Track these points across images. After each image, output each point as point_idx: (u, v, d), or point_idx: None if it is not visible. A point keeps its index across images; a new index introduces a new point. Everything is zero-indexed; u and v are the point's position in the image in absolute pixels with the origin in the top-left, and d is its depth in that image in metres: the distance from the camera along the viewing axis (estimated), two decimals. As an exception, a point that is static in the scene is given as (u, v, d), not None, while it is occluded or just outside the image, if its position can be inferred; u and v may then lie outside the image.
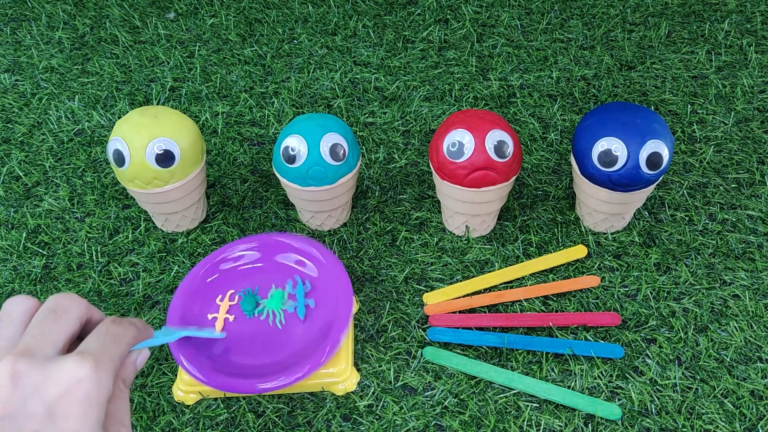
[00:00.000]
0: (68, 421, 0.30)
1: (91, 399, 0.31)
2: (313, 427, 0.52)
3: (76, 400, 0.30)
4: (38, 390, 0.30)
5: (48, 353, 0.31)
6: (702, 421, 0.52)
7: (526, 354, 0.56)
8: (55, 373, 0.30)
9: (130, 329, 0.35)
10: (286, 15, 0.97)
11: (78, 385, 0.30)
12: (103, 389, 0.31)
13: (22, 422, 0.29)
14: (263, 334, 0.55)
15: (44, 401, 0.30)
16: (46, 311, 0.33)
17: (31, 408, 0.30)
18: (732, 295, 0.60)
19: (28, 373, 0.30)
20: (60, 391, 0.30)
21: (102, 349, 0.32)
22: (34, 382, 0.30)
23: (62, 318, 0.33)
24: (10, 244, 0.67)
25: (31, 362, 0.30)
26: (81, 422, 0.30)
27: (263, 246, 0.59)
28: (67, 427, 0.30)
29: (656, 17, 0.93)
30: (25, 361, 0.30)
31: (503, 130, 0.57)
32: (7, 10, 1.00)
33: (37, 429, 0.30)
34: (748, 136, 0.75)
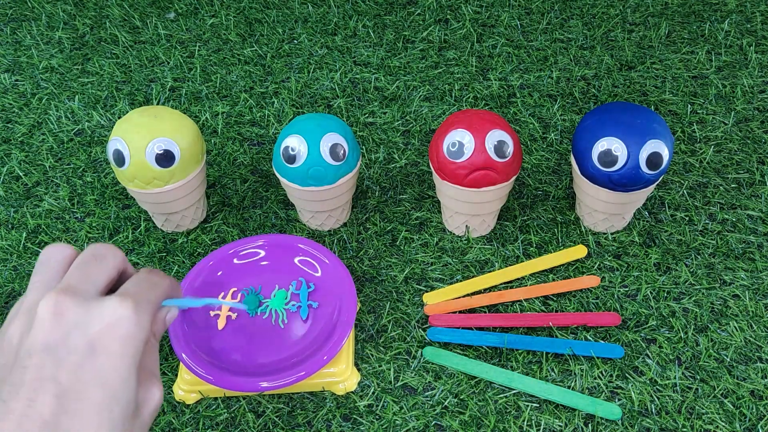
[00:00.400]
0: (108, 357, 0.31)
1: (131, 338, 0.31)
2: (313, 427, 0.52)
3: (117, 337, 0.31)
4: (80, 325, 0.31)
5: (89, 293, 0.32)
6: (702, 421, 0.52)
7: (526, 354, 0.56)
8: (97, 310, 0.31)
9: (166, 279, 0.36)
10: (286, 15, 0.97)
11: (119, 322, 0.31)
12: (142, 330, 0.32)
13: (62, 354, 0.30)
14: (265, 332, 0.55)
15: (85, 336, 0.30)
16: (86, 256, 0.34)
17: (73, 341, 0.30)
18: (732, 295, 0.60)
19: (71, 308, 0.31)
20: (101, 327, 0.31)
21: (141, 293, 0.33)
22: (76, 317, 0.31)
23: (102, 263, 0.34)
24: (10, 244, 0.67)
25: (74, 299, 0.31)
26: (119, 359, 0.31)
27: (268, 245, 0.60)
28: (106, 362, 0.30)
29: (656, 17, 0.93)
30: (67, 297, 0.31)
31: (503, 130, 0.57)
32: (7, 10, 1.00)
33: (77, 362, 0.30)
34: (748, 136, 0.75)
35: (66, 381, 0.30)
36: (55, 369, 0.30)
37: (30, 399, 0.29)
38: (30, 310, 0.32)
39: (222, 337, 0.54)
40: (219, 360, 0.52)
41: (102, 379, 0.30)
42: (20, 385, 0.29)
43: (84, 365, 0.30)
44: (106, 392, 0.30)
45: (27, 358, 0.30)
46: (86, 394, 0.30)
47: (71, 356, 0.30)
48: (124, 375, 0.31)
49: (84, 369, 0.30)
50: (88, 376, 0.30)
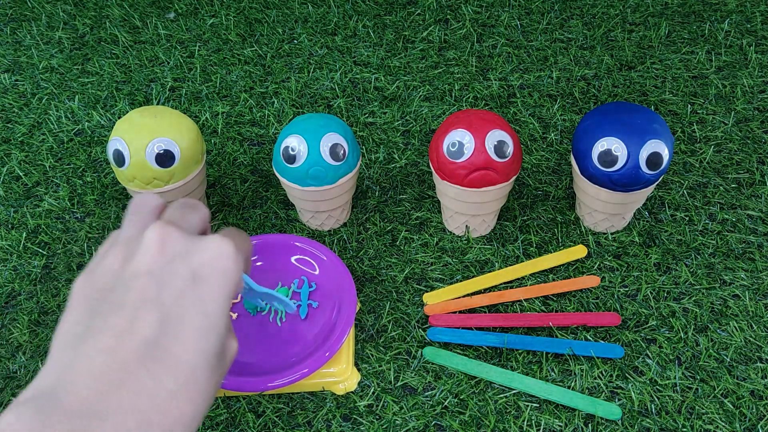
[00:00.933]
0: (209, 287, 0.31)
1: (231, 274, 0.32)
2: (313, 427, 0.52)
3: (219, 270, 0.31)
4: (184, 254, 0.31)
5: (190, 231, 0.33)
6: (702, 421, 0.52)
7: (526, 354, 0.56)
8: (200, 243, 0.32)
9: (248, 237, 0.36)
10: (286, 15, 0.97)
11: (221, 257, 0.32)
12: (239, 270, 0.32)
13: (166, 279, 0.30)
14: (266, 332, 0.55)
15: (189, 265, 0.31)
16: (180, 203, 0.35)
17: (177, 268, 0.31)
18: (732, 295, 0.60)
19: (176, 238, 0.31)
20: (204, 259, 0.31)
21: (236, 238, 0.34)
22: (181, 247, 0.31)
23: (198, 211, 0.35)
24: (10, 244, 0.67)
25: (178, 230, 0.32)
26: (219, 291, 0.31)
27: (260, 246, 0.60)
28: (207, 292, 0.31)
29: (656, 17, 0.93)
30: (173, 228, 0.32)
31: (503, 130, 0.57)
32: (7, 10, 1.00)
33: (180, 287, 0.30)
34: (748, 136, 0.75)
35: (169, 304, 0.30)
36: (159, 292, 0.30)
37: (133, 317, 0.29)
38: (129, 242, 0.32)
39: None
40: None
41: (202, 308, 0.30)
42: (123, 304, 0.29)
43: (186, 292, 0.30)
44: (206, 320, 0.30)
45: (131, 279, 0.30)
46: (187, 319, 0.30)
47: (175, 282, 0.30)
48: (221, 307, 0.31)
49: (186, 295, 0.30)
50: (190, 303, 0.30)
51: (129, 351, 0.28)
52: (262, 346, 0.54)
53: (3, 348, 0.58)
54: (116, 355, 0.28)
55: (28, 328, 0.59)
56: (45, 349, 0.58)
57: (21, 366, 0.57)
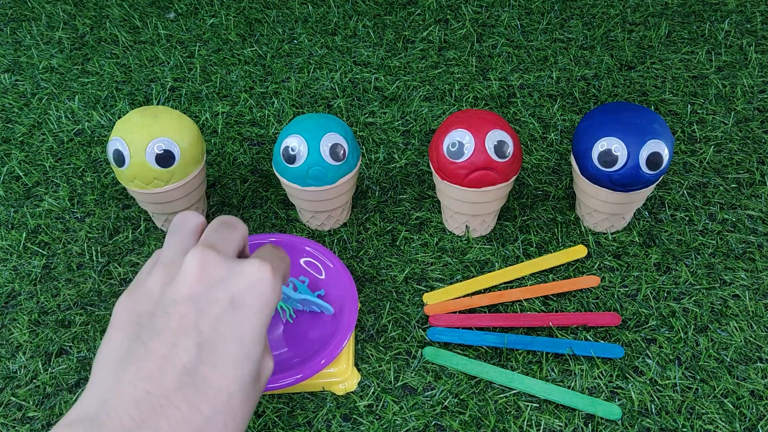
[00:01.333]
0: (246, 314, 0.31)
1: (268, 299, 0.32)
2: (313, 427, 0.52)
3: (256, 296, 0.32)
4: (223, 280, 0.32)
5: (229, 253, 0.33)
6: (702, 421, 0.52)
7: (526, 354, 0.56)
8: (238, 268, 0.32)
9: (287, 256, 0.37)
10: (286, 15, 0.97)
11: (259, 283, 0.32)
12: (276, 294, 0.33)
13: (205, 305, 0.31)
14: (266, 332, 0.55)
15: (228, 291, 0.31)
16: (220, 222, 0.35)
17: (216, 295, 0.31)
18: (732, 295, 0.60)
19: (216, 263, 0.32)
20: (243, 285, 0.32)
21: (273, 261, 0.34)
22: (220, 272, 0.32)
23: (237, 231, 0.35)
24: (10, 244, 0.67)
25: (218, 255, 0.32)
26: (256, 318, 0.32)
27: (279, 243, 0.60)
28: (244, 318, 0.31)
29: (656, 17, 0.93)
30: (213, 253, 0.32)
31: (503, 130, 0.57)
32: (7, 10, 1.00)
33: (218, 314, 0.31)
34: (748, 136, 0.75)
35: (207, 331, 0.30)
36: (198, 318, 0.30)
37: (173, 344, 0.30)
38: (170, 264, 0.33)
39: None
40: None
41: (240, 335, 0.31)
42: (163, 330, 0.30)
43: (224, 319, 0.31)
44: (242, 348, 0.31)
45: (171, 305, 0.31)
46: (224, 347, 0.30)
47: (213, 308, 0.31)
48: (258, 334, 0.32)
49: (224, 322, 0.31)
50: (228, 330, 0.31)
51: (169, 378, 0.29)
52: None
53: (3, 348, 0.58)
54: (156, 383, 0.29)
55: (28, 328, 0.59)
56: (45, 349, 0.58)
57: (21, 366, 0.57)
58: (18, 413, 0.54)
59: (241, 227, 0.36)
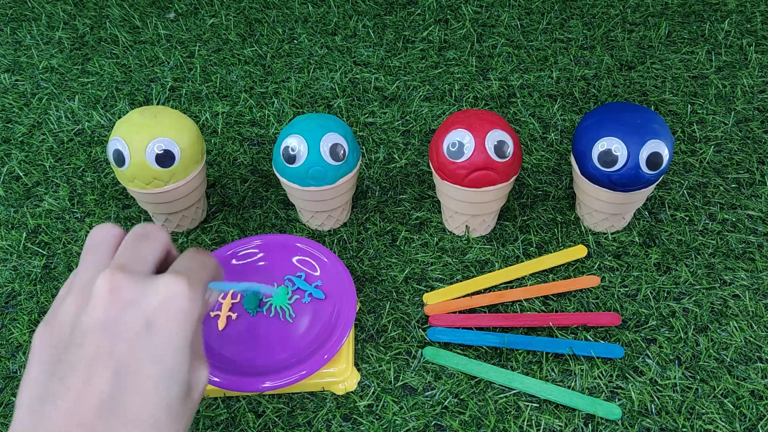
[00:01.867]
0: (164, 333, 0.30)
1: (186, 314, 0.31)
2: (313, 427, 0.52)
3: (173, 313, 0.31)
4: (136, 302, 0.30)
5: (142, 271, 0.32)
6: (702, 421, 0.52)
7: (526, 354, 0.56)
8: (152, 287, 0.31)
9: (212, 259, 0.35)
10: (286, 15, 0.97)
11: (174, 299, 0.31)
12: (196, 307, 0.32)
13: (119, 331, 0.30)
14: (266, 332, 0.55)
15: (142, 312, 0.30)
16: (135, 235, 0.34)
17: (129, 318, 0.30)
18: (732, 295, 0.60)
19: (126, 285, 0.31)
20: (157, 303, 0.31)
21: (192, 271, 0.33)
22: (132, 294, 0.31)
23: (150, 241, 0.34)
24: (10, 244, 0.67)
25: (129, 276, 0.31)
26: (175, 336, 0.31)
27: (265, 245, 0.60)
28: (162, 338, 0.30)
29: (656, 17, 0.93)
30: (123, 275, 0.31)
31: (503, 130, 0.57)
32: (7, 10, 1.00)
33: (134, 338, 0.30)
34: (748, 136, 0.75)
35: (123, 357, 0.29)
36: (113, 345, 0.29)
37: (89, 375, 0.29)
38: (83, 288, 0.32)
39: (222, 338, 0.54)
40: (219, 360, 0.52)
41: (159, 356, 0.30)
42: (78, 362, 0.29)
43: (141, 341, 0.30)
44: (163, 369, 0.30)
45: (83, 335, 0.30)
46: (143, 371, 0.30)
47: (128, 332, 0.30)
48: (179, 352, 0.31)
49: (141, 345, 0.30)
50: (145, 353, 0.30)
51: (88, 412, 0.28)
52: (262, 346, 0.54)
53: (3, 348, 0.58)
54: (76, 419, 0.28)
55: (28, 328, 0.59)
56: (45, 349, 0.58)
57: (21, 366, 0.57)
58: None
59: (158, 236, 0.34)
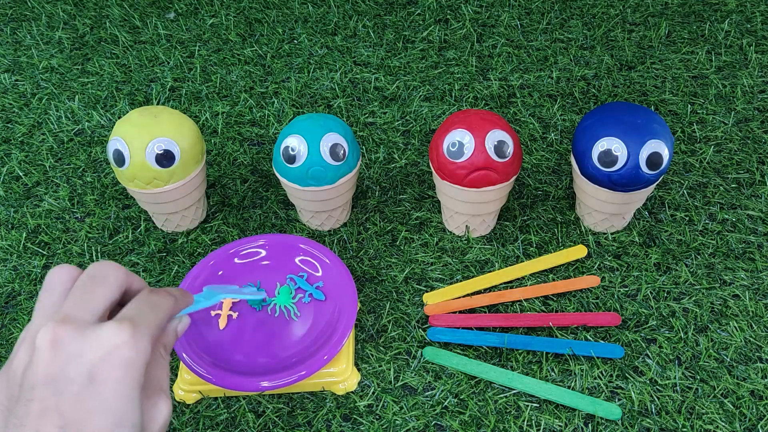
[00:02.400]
0: (108, 384, 0.31)
1: (130, 363, 0.31)
2: (313, 427, 0.52)
3: (116, 364, 0.31)
4: (78, 355, 0.31)
5: (87, 319, 0.32)
6: (702, 421, 0.52)
7: (526, 354, 0.56)
8: (94, 338, 0.31)
9: (168, 298, 0.35)
10: (286, 15, 0.97)
11: (117, 349, 0.31)
12: (141, 354, 0.32)
13: (62, 386, 0.30)
14: (267, 332, 0.55)
15: (84, 365, 0.30)
16: (85, 278, 0.34)
17: (72, 372, 0.30)
18: (732, 295, 0.60)
19: (68, 338, 0.31)
20: (99, 355, 0.31)
21: (140, 316, 0.33)
22: (74, 347, 0.31)
23: (101, 285, 0.34)
24: (10, 244, 0.67)
25: (71, 328, 0.31)
26: (120, 385, 0.31)
27: (268, 245, 0.60)
28: (107, 389, 0.30)
29: (656, 17, 0.93)
30: (64, 328, 0.31)
31: (503, 130, 0.57)
32: (7, 10, 1.00)
33: (77, 392, 0.30)
34: (748, 136, 0.75)
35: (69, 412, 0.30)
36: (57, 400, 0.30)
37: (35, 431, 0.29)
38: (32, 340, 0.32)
39: (223, 337, 0.54)
40: (220, 359, 0.52)
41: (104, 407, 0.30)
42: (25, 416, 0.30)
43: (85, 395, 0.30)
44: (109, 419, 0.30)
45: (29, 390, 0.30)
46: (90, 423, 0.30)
47: (72, 387, 0.30)
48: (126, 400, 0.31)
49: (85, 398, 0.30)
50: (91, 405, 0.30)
51: None
52: (262, 346, 0.54)
53: (3, 348, 0.58)
54: None
55: (28, 328, 0.59)
56: (45, 349, 0.58)
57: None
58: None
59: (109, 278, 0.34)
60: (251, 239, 0.60)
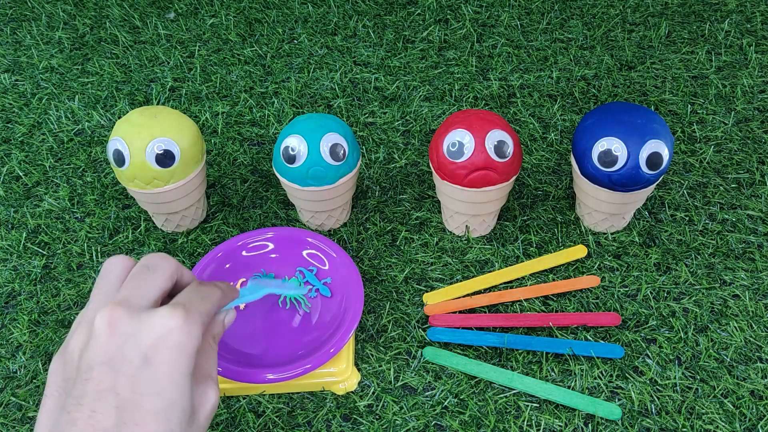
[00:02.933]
0: (162, 366, 0.32)
1: (182, 347, 0.32)
2: (313, 427, 0.52)
3: (169, 347, 0.32)
4: (134, 337, 0.32)
5: (142, 305, 0.33)
6: (702, 421, 0.52)
7: (526, 354, 0.56)
8: (149, 321, 0.32)
9: (216, 290, 0.37)
10: (286, 15, 0.97)
11: (170, 333, 0.32)
12: (193, 339, 0.33)
13: (119, 366, 0.31)
14: (273, 324, 0.55)
15: (139, 347, 0.32)
16: (140, 268, 0.36)
17: (128, 353, 0.32)
18: (732, 295, 0.60)
19: (125, 321, 0.32)
20: (154, 338, 0.32)
21: (191, 303, 0.34)
22: (130, 329, 0.32)
23: (155, 274, 0.35)
24: (10, 244, 0.67)
25: (128, 311, 0.33)
26: (173, 368, 0.32)
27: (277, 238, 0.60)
28: (160, 371, 0.32)
29: (656, 17, 0.93)
30: (121, 310, 0.32)
31: (503, 130, 0.57)
32: (7, 10, 1.00)
33: (133, 373, 0.31)
34: (748, 136, 0.75)
35: (124, 392, 0.31)
36: (114, 381, 0.31)
37: (92, 410, 0.30)
38: (90, 323, 0.33)
39: (229, 328, 0.55)
40: (224, 351, 0.52)
41: (157, 389, 0.31)
42: (82, 396, 0.31)
43: (140, 376, 0.31)
44: (162, 401, 0.31)
45: (87, 371, 0.31)
46: (143, 404, 0.31)
47: (127, 368, 0.31)
48: (178, 383, 0.32)
49: (140, 380, 0.31)
50: (144, 387, 0.31)
51: None
52: (268, 339, 0.54)
53: (3, 348, 0.58)
54: None
55: (28, 328, 0.59)
56: (45, 349, 0.58)
57: (21, 366, 0.57)
58: (18, 413, 0.54)
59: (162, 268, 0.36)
60: (259, 232, 0.60)
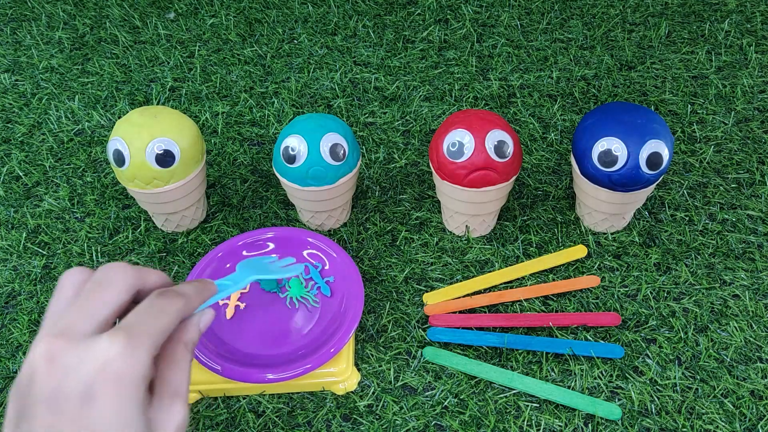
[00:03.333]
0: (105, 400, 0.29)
1: (124, 377, 0.30)
2: (313, 427, 0.52)
3: (110, 379, 0.29)
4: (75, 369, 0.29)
5: (86, 330, 0.30)
6: (702, 421, 0.52)
7: (526, 354, 0.56)
8: (89, 352, 0.30)
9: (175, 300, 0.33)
10: (286, 15, 0.97)
11: (111, 362, 0.29)
12: (138, 365, 0.30)
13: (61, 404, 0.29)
14: (273, 323, 0.55)
15: (81, 381, 0.29)
16: (91, 284, 0.32)
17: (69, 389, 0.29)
18: (732, 295, 0.60)
19: (64, 353, 0.30)
20: (94, 369, 0.29)
21: (138, 325, 0.31)
22: (71, 360, 0.29)
23: (106, 290, 0.32)
24: (10, 244, 0.67)
25: (67, 342, 0.30)
26: (117, 402, 0.29)
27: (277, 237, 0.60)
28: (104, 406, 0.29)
29: (656, 17, 0.93)
30: (60, 342, 0.30)
31: (503, 130, 0.57)
32: (7, 10, 1.00)
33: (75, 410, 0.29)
34: (748, 136, 0.75)
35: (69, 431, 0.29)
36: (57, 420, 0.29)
37: None
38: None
39: (229, 327, 0.55)
40: (224, 350, 0.52)
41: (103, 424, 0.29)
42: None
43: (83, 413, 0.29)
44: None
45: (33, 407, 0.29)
46: None
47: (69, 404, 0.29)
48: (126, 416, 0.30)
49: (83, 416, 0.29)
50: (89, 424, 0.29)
51: None
52: (268, 338, 0.54)
53: (3, 348, 0.58)
54: None
55: (28, 328, 0.59)
56: (45, 349, 0.58)
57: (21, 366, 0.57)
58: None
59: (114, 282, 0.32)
60: (260, 231, 0.61)
